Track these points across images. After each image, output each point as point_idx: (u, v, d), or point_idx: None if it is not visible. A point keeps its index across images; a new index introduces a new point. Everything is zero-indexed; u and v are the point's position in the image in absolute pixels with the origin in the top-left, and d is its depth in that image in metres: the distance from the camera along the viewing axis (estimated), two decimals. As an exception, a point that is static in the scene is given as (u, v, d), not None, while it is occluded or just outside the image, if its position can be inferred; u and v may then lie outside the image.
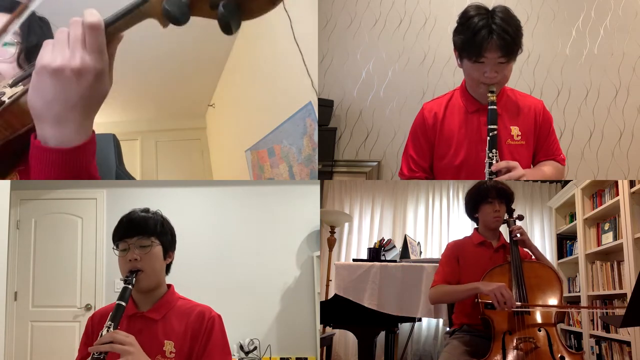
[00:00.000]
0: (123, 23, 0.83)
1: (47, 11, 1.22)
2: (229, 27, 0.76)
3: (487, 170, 1.70)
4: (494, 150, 1.70)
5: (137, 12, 0.81)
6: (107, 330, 1.16)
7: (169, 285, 1.41)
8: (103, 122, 4.79)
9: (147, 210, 1.39)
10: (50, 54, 0.83)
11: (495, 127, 1.72)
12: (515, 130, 1.83)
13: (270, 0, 0.76)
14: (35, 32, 1.16)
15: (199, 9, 0.77)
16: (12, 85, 0.96)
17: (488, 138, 1.72)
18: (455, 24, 1.76)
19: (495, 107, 1.72)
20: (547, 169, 1.91)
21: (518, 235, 1.85)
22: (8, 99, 0.94)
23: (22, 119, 0.94)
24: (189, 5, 0.77)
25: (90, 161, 0.91)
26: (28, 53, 1.13)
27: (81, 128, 0.86)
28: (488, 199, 1.90)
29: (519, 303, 1.59)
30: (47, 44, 0.85)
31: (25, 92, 0.93)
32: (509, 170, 1.67)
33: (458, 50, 1.75)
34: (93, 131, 0.91)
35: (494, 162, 1.69)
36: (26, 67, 1.08)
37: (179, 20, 0.77)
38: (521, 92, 1.95)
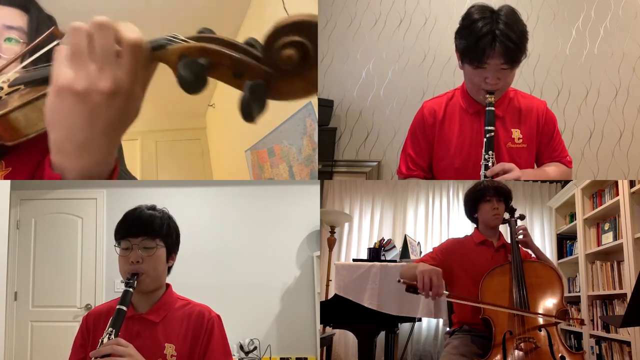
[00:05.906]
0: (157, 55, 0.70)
1: (54, 9, 1.19)
2: (250, 114, 0.66)
3: (482, 172, 1.67)
4: (490, 152, 1.66)
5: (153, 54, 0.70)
6: (108, 337, 1.11)
7: (167, 285, 1.36)
8: (103, 122, 4.77)
9: (153, 208, 1.33)
10: (70, 70, 0.66)
11: (492, 128, 1.68)
12: (516, 133, 1.80)
13: (306, 90, 0.66)
14: (43, 32, 1.06)
15: (220, 74, 0.68)
16: (10, 86, 0.90)
17: (485, 140, 1.68)
18: (457, 24, 1.71)
19: (492, 108, 1.68)
20: (550, 169, 1.88)
21: (521, 236, 1.85)
22: (5, 94, 0.88)
23: (11, 134, 0.85)
24: (208, 67, 0.66)
25: None
26: (34, 53, 1.02)
27: (106, 157, 0.74)
28: (486, 198, 1.88)
29: (446, 292, 1.50)
30: (60, 56, 0.68)
31: (19, 106, 0.83)
32: (505, 172, 1.65)
33: (460, 53, 1.71)
34: (117, 159, 0.78)
35: (489, 164, 1.66)
36: (30, 68, 0.98)
37: (195, 89, 0.66)
38: (524, 93, 1.91)
